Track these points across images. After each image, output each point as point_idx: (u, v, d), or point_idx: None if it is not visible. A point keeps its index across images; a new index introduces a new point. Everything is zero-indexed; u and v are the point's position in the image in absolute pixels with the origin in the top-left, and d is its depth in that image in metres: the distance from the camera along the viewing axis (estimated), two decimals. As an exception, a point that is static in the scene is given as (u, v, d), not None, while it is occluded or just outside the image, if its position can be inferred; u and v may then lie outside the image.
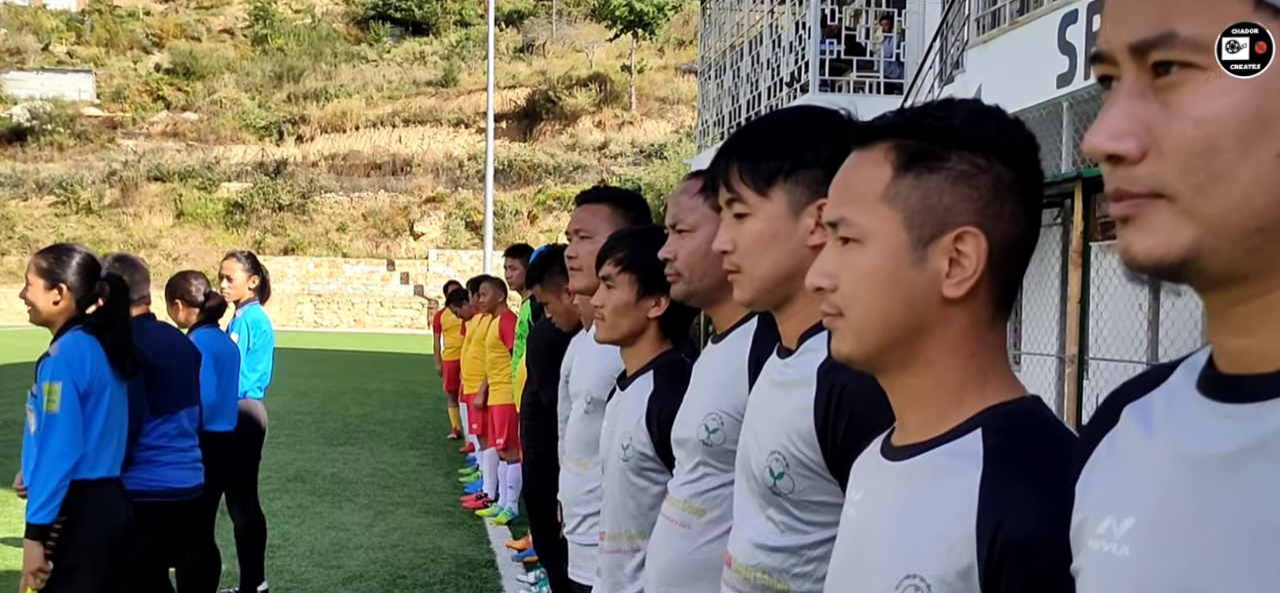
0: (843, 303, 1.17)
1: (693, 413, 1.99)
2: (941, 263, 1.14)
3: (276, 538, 7.25)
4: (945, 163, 1.14)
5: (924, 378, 1.16)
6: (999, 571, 1.03)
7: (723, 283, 2.02)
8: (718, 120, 18.67)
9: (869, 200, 1.16)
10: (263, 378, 5.89)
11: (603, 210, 2.90)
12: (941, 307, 1.15)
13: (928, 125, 1.16)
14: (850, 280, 1.16)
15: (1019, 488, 1.06)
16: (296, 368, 20.00)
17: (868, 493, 1.21)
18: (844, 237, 1.17)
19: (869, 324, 1.16)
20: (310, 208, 44.94)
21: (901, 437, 1.19)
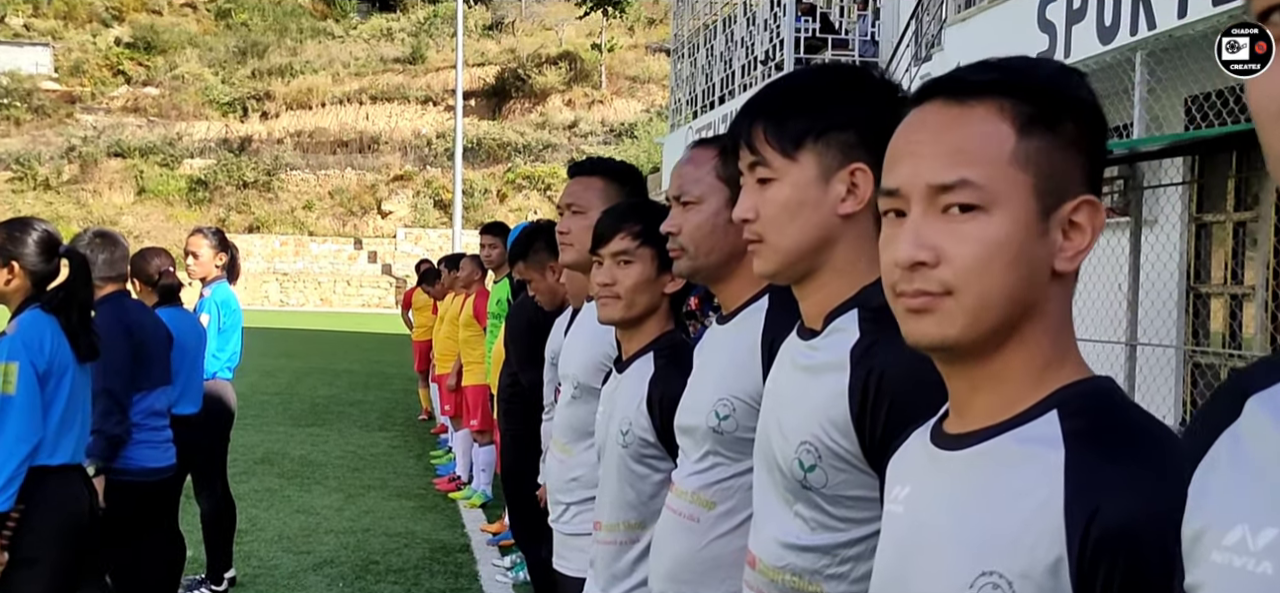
0: (957, 280, 1.03)
1: (700, 399, 1.86)
2: (1057, 234, 1.04)
3: (244, 523, 7.06)
4: (1060, 126, 1.04)
5: (1012, 358, 1.05)
6: (1096, 562, 0.93)
7: (731, 258, 1.90)
8: (691, 99, 18.52)
9: (997, 162, 1.03)
10: (232, 359, 5.71)
11: (596, 183, 2.76)
12: (1050, 282, 1.04)
13: (1038, 84, 1.04)
14: (971, 254, 1.02)
15: (1113, 470, 0.95)
16: (263, 348, 19.72)
17: (919, 488, 1.09)
18: (959, 203, 1.03)
19: (992, 303, 1.03)
20: (276, 185, 44.41)
21: (959, 423, 1.08)
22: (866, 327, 1.43)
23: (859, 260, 1.49)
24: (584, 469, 2.61)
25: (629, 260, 2.30)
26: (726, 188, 1.90)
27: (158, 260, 5.10)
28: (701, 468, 1.85)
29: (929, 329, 1.05)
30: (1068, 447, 0.98)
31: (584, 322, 2.74)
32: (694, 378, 1.95)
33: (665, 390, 2.16)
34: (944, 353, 1.07)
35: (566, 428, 2.70)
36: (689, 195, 1.93)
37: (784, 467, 1.44)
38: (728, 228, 1.89)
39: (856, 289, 1.48)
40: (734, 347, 1.85)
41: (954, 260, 1.03)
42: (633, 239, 2.30)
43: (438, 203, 44.08)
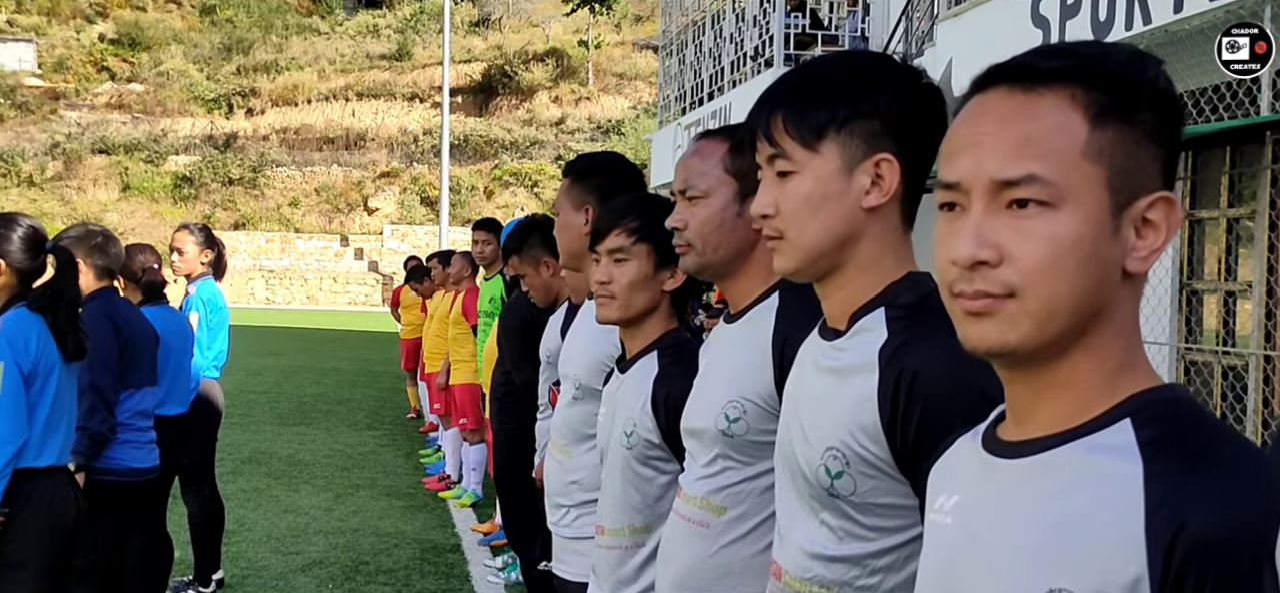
0: (1022, 281, 0.96)
1: (708, 400, 1.80)
2: (1130, 233, 0.97)
3: (232, 523, 6.96)
4: (1136, 117, 0.97)
5: (1080, 363, 0.98)
6: (1182, 579, 0.87)
7: (739, 254, 1.84)
8: (679, 96, 18.45)
9: (1067, 155, 0.96)
10: (219, 357, 5.63)
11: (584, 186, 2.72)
12: (1120, 283, 0.98)
13: (1113, 71, 0.97)
14: (1039, 254, 0.95)
15: (1199, 483, 0.89)
16: (249, 346, 19.58)
17: (970, 497, 1.03)
18: (1026, 199, 0.96)
19: (1059, 307, 0.96)
20: (261, 182, 44.17)
21: (1019, 429, 1.01)
22: (895, 326, 1.37)
23: (884, 256, 1.43)
24: (584, 472, 2.55)
25: (624, 258, 2.23)
26: (734, 182, 1.85)
27: (142, 257, 5.02)
28: (711, 472, 1.79)
29: (989, 333, 0.98)
30: (1145, 457, 0.92)
31: (585, 320, 2.68)
32: (701, 378, 1.89)
33: (671, 390, 2.10)
34: (1005, 358, 1.00)
35: (566, 429, 2.64)
36: (695, 190, 1.87)
37: (809, 474, 1.38)
38: (736, 223, 1.84)
39: (882, 286, 1.42)
40: (743, 346, 1.79)
41: (1019, 261, 0.96)
42: (628, 236, 2.23)
43: (424, 200, 43.91)
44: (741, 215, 1.84)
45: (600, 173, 2.78)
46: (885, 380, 1.32)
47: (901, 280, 1.42)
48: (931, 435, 1.26)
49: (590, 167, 2.84)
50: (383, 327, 27.98)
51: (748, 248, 1.85)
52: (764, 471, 1.73)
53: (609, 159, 2.93)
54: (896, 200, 1.42)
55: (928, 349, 1.31)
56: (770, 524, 1.73)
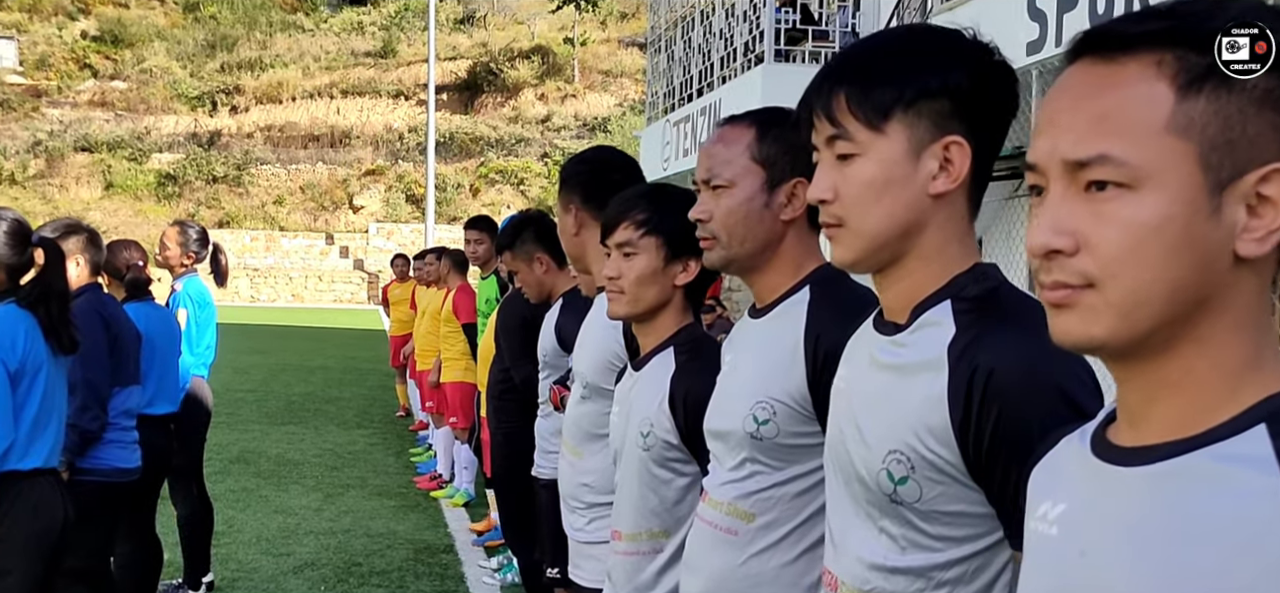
0: (1101, 271, 0.87)
1: (735, 401, 1.72)
2: (1238, 212, 0.86)
3: (221, 524, 6.86)
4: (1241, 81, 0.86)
5: (1193, 361, 0.89)
6: None
7: (767, 246, 1.76)
8: (668, 92, 18.36)
9: (1148, 130, 0.86)
10: (207, 354, 5.52)
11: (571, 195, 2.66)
12: (1232, 269, 0.87)
13: (1213, 31, 0.86)
14: (1116, 240, 0.86)
15: None
16: (235, 344, 19.39)
17: (1080, 507, 0.93)
18: (1098, 180, 0.87)
19: (1147, 297, 0.86)
20: (246, 180, 43.91)
21: (1133, 434, 0.91)
22: (964, 320, 1.28)
23: (949, 245, 1.34)
24: (595, 474, 2.47)
25: (633, 251, 2.15)
26: (761, 169, 1.77)
27: (127, 253, 4.91)
28: (739, 477, 1.71)
29: (1072, 327, 0.90)
30: None
31: (594, 317, 2.61)
32: (725, 378, 1.81)
33: (691, 388, 2.02)
34: (1098, 354, 0.92)
35: (575, 429, 2.56)
36: (720, 179, 1.79)
37: (868, 479, 1.30)
38: (763, 214, 1.76)
39: (948, 277, 1.33)
40: (772, 344, 1.71)
41: (1096, 248, 0.87)
42: (636, 228, 2.15)
43: (410, 198, 43.71)
44: (769, 205, 1.77)
45: (582, 168, 2.74)
46: (956, 379, 1.23)
47: (968, 272, 1.34)
48: (1009, 440, 1.17)
49: (573, 164, 2.81)
50: (369, 325, 27.84)
51: (776, 239, 1.78)
52: (796, 475, 1.66)
53: (594, 154, 2.89)
54: (964, 186, 1.34)
55: (1003, 345, 1.23)
56: (803, 532, 1.66)
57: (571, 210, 2.64)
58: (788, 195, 1.77)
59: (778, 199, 1.77)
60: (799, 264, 1.78)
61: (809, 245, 1.80)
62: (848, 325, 1.50)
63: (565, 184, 2.69)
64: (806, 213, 1.77)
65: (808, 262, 1.79)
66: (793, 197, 1.77)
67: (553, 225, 3.81)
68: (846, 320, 1.55)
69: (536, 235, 4.07)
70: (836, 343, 1.56)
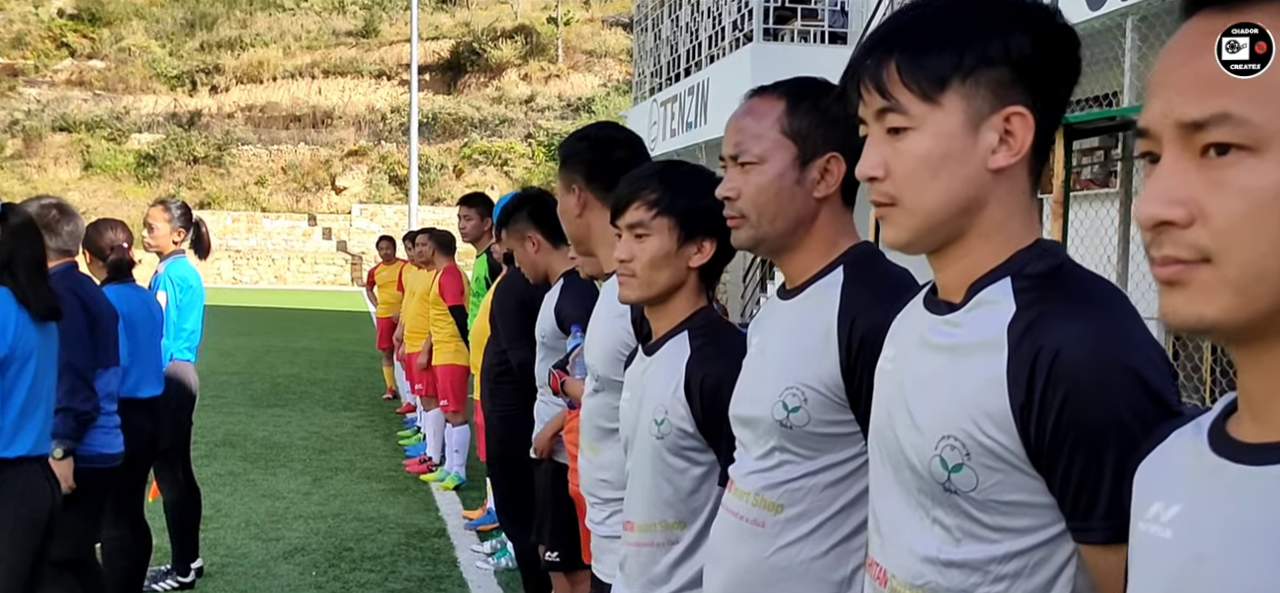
0: (1217, 244, 0.79)
1: (763, 386, 1.66)
2: None
3: (208, 509, 6.76)
4: None
5: None
6: None
7: (800, 225, 1.69)
8: (655, 72, 18.27)
9: (1274, 87, 0.78)
10: (192, 338, 5.42)
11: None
12: None
13: None
14: (1235, 210, 0.78)
15: None
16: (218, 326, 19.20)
17: (1197, 509, 0.86)
18: (1216, 142, 0.79)
19: (1270, 273, 0.78)
20: (227, 161, 43.54)
21: (1258, 428, 0.83)
22: (1025, 298, 1.20)
23: (1010, 221, 1.26)
24: (612, 469, 2.40)
25: (645, 233, 2.07)
26: (793, 144, 1.69)
27: (112, 233, 4.80)
28: (767, 466, 1.64)
29: (1181, 306, 0.82)
30: None
31: (603, 306, 2.53)
32: (752, 362, 1.74)
33: (707, 374, 1.96)
34: (1214, 338, 0.84)
35: (590, 426, 2.49)
36: (749, 154, 1.71)
37: (920, 466, 1.23)
38: (795, 191, 1.68)
39: (1008, 254, 1.25)
40: (803, 327, 1.64)
41: (1213, 218, 0.79)
42: (648, 209, 2.07)
43: (393, 178, 43.47)
44: (801, 182, 1.69)
45: (585, 145, 2.64)
46: (1018, 360, 1.15)
47: (1029, 248, 1.26)
48: (1076, 426, 1.10)
49: (573, 141, 2.70)
50: (353, 306, 27.66)
51: (808, 218, 1.70)
52: (827, 465, 1.59)
53: (597, 131, 2.77)
54: (1026, 159, 1.25)
55: (1070, 324, 1.15)
56: (834, 525, 1.60)
57: (574, 190, 2.55)
58: (820, 171, 1.69)
59: (810, 175, 1.69)
60: (832, 243, 1.71)
61: (842, 224, 1.73)
62: (885, 308, 1.43)
63: (567, 163, 2.60)
64: (841, 189, 1.70)
65: (841, 240, 1.72)
66: (826, 172, 1.69)
67: (551, 204, 3.72)
68: (883, 303, 1.48)
69: (531, 215, 3.98)
70: (873, 327, 1.49)
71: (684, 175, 2.09)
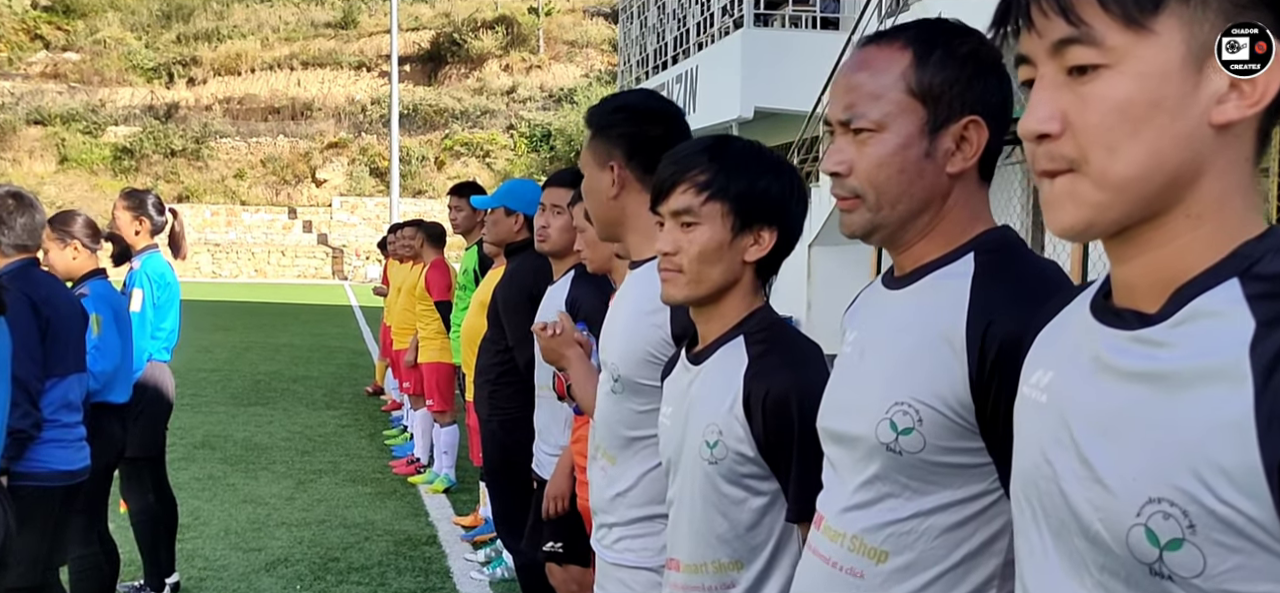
0: None
1: (864, 396, 1.35)
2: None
3: (186, 517, 6.43)
4: None
5: None
6: None
7: (926, 207, 1.35)
8: (641, 60, 17.93)
9: None
10: (170, 338, 5.07)
11: None
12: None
13: None
14: None
15: None
16: (197, 321, 18.82)
17: None
18: None
19: None
20: (205, 153, 43.07)
21: None
22: (1267, 309, 0.86)
23: (1232, 198, 0.91)
24: (632, 483, 2.09)
25: (693, 221, 1.75)
26: (922, 106, 1.36)
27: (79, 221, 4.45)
28: (867, 500, 1.34)
29: None
30: None
31: (628, 295, 2.21)
32: (848, 364, 1.42)
33: (772, 387, 1.65)
34: None
35: (605, 432, 2.16)
36: (865, 119, 1.37)
37: (1109, 536, 0.90)
38: (923, 165, 1.36)
39: (1231, 246, 0.91)
40: (918, 327, 1.33)
41: None
42: (697, 193, 1.75)
43: (374, 171, 43.15)
44: (931, 154, 1.36)
45: (624, 117, 2.29)
46: (1272, 398, 0.82)
47: (1261, 239, 0.91)
48: None
49: (610, 111, 2.34)
50: (335, 300, 27.25)
51: (938, 197, 1.38)
52: (945, 504, 1.29)
53: (635, 101, 2.41)
54: (1262, 112, 0.89)
55: None
56: (952, 580, 1.28)
57: (611, 169, 2.22)
58: (956, 140, 1.37)
59: (942, 145, 1.37)
60: (962, 227, 1.39)
61: (977, 205, 1.41)
62: (1029, 310, 1.13)
63: (603, 135, 2.24)
64: (979, 163, 1.39)
65: (973, 225, 1.40)
66: (962, 141, 1.37)
67: None
68: (1027, 303, 1.18)
69: None
70: (1015, 334, 1.19)
71: (738, 152, 1.78)
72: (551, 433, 3.57)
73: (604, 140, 2.25)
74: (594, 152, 2.29)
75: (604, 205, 2.25)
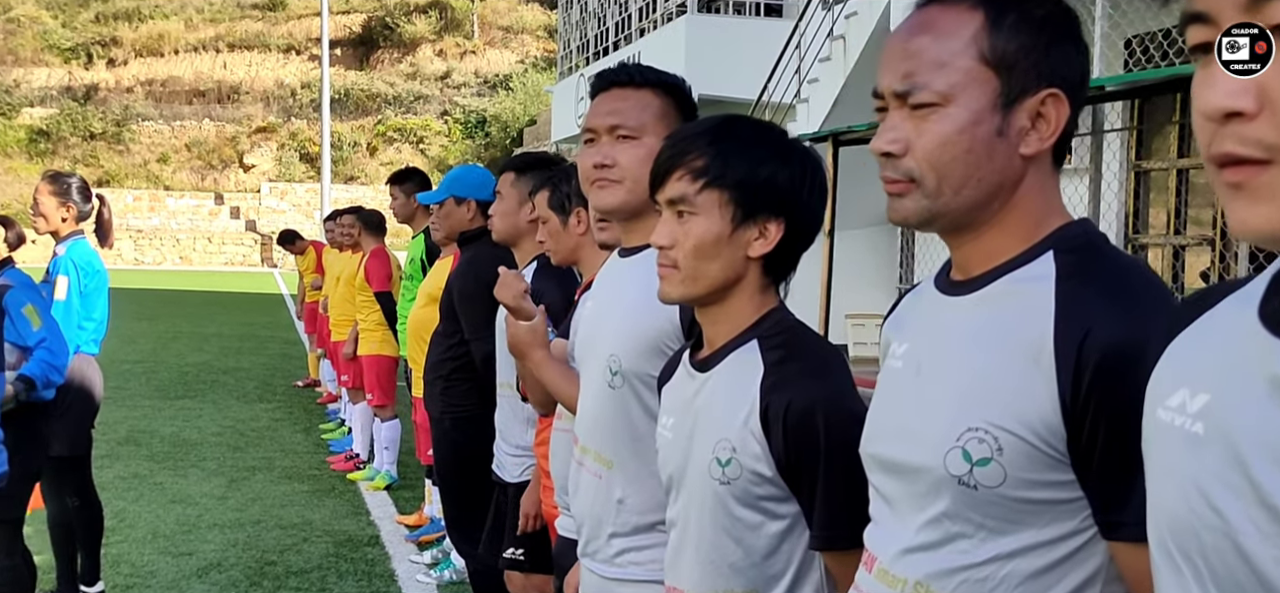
0: None
1: (926, 420, 1.17)
2: None
3: (111, 519, 6.11)
4: None
5: None
6: None
7: (996, 195, 1.17)
8: (581, 46, 17.69)
9: None
10: (99, 330, 4.75)
11: (647, 100, 2.01)
12: None
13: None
14: None
15: None
16: (119, 310, 18.13)
17: None
18: None
19: None
20: (126, 137, 41.92)
21: None
22: None
23: None
24: (637, 487, 1.89)
25: (688, 211, 1.57)
26: (995, 76, 1.17)
27: None
28: (932, 541, 1.16)
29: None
30: None
31: (624, 282, 2.01)
32: (899, 382, 1.24)
33: (794, 398, 1.47)
34: None
35: (601, 432, 1.95)
36: (927, 91, 1.18)
37: None
38: (995, 145, 1.17)
39: None
40: (992, 338, 1.15)
41: None
42: (693, 179, 1.57)
43: (304, 156, 42.39)
44: (1004, 132, 1.18)
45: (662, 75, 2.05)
46: None
47: None
48: None
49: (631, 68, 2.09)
50: (265, 288, 26.60)
51: (1010, 183, 1.19)
52: (1027, 547, 1.10)
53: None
54: None
55: None
56: None
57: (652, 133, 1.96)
58: (1031, 116, 1.18)
59: (1016, 122, 1.18)
60: (1035, 220, 1.20)
61: (1050, 193, 1.23)
62: (1134, 315, 0.97)
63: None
64: (1053, 146, 1.20)
65: (1047, 217, 1.21)
66: (1038, 118, 1.19)
67: None
68: (1129, 307, 1.02)
69: None
70: (1118, 344, 1.03)
71: (743, 135, 1.59)
72: (512, 432, 3.37)
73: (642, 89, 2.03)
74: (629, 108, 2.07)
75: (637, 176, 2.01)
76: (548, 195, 3.03)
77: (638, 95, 2.02)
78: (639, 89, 2.02)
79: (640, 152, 1.96)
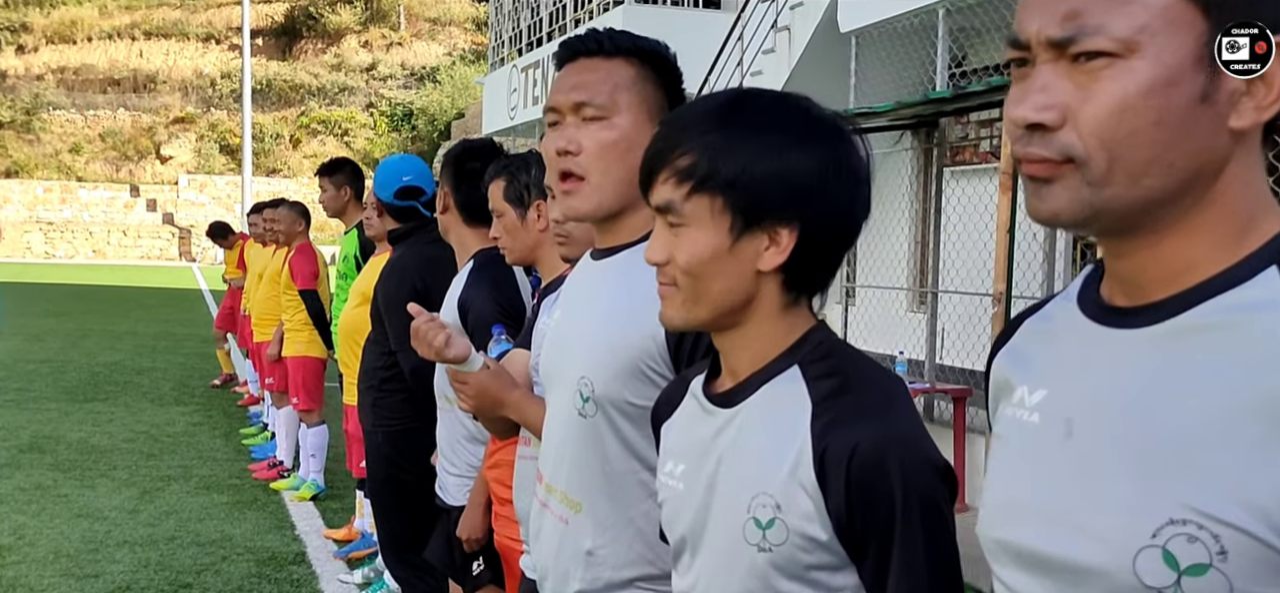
0: None
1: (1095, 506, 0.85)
2: None
3: (7, 536, 5.64)
4: None
5: None
6: None
7: (1195, 179, 0.86)
8: (514, 37, 17.26)
9: None
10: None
11: (618, 71, 1.68)
12: None
13: None
14: None
15: None
16: (25, 306, 17.39)
17: None
18: None
19: None
20: (36, 126, 40.52)
21: None
22: None
23: None
24: (606, 540, 1.57)
25: (677, 219, 1.25)
26: (1202, 16, 0.84)
27: None
28: None
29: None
30: None
31: (595, 288, 1.69)
32: (1042, 446, 0.91)
33: (860, 443, 1.14)
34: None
35: (568, 468, 1.63)
36: (1102, 35, 0.85)
37: None
38: (1195, 114, 0.84)
39: None
40: (1199, 390, 0.82)
41: None
42: (678, 182, 1.24)
43: (224, 148, 41.37)
44: (1210, 98, 0.84)
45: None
46: None
47: None
48: None
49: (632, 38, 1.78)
50: (183, 284, 25.70)
51: (1209, 170, 0.86)
52: None
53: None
54: None
55: None
56: None
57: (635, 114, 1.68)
58: None
59: (1227, 84, 0.84)
60: (1244, 220, 0.88)
61: (1259, 185, 0.89)
62: None
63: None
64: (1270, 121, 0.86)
65: (1261, 217, 0.88)
66: (1271, 78, 0.84)
67: None
68: None
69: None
70: None
71: (750, 118, 1.25)
72: (456, 451, 3.01)
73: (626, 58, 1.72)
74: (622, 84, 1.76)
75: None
76: (503, 186, 2.70)
77: (608, 66, 1.69)
78: (609, 58, 1.69)
79: (609, 135, 1.65)
